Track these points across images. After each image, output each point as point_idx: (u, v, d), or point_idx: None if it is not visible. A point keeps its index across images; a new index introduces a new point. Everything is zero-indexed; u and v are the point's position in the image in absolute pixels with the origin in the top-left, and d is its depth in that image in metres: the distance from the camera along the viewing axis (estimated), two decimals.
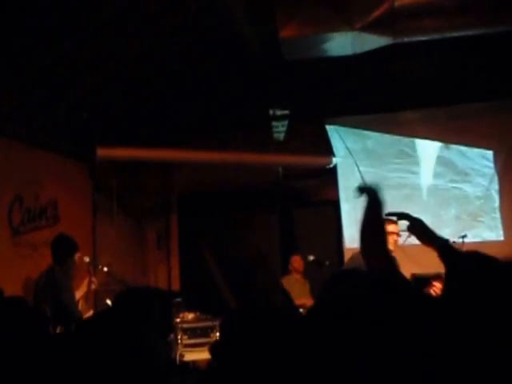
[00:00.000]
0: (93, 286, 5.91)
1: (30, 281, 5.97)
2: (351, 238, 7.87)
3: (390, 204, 8.16)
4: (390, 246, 4.93)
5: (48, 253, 5.89)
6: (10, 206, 6.10)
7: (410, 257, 6.77)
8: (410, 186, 8.15)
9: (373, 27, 5.43)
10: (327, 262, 6.27)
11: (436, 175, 8.10)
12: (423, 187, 8.13)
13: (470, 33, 5.56)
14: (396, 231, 5.01)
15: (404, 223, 2.55)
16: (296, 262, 7.64)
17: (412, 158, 8.20)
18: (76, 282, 5.97)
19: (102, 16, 5.78)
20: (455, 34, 5.55)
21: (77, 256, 5.80)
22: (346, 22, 5.47)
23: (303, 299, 6.85)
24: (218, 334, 5.41)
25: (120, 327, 2.09)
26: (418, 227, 2.48)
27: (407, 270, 4.72)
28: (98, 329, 2.09)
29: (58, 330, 5.01)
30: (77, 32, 5.85)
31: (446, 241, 2.36)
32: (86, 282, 5.90)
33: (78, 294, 5.82)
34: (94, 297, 6.54)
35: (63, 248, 5.79)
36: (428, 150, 8.15)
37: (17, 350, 2.16)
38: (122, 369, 1.90)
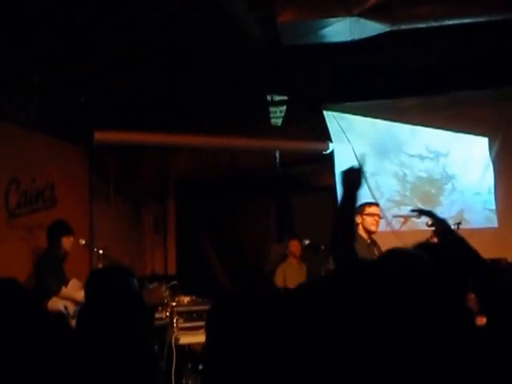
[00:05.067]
0: None
1: (25, 263, 6.01)
2: None
3: (386, 191, 8.09)
4: (372, 227, 4.87)
5: (44, 235, 5.92)
6: (6, 188, 6.11)
7: (405, 243, 6.80)
8: (406, 173, 8.16)
9: (371, 13, 5.43)
10: (322, 247, 6.30)
11: (431, 162, 8.11)
12: (418, 173, 8.14)
13: (467, 21, 5.56)
14: (377, 213, 4.94)
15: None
16: (294, 246, 7.66)
17: (408, 144, 8.20)
18: (72, 265, 6.02)
19: (100, 1, 5.76)
20: (452, 22, 5.55)
21: (67, 240, 5.84)
22: (344, 7, 5.46)
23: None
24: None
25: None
26: (441, 227, 2.47)
27: None
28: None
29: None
30: (74, 17, 5.83)
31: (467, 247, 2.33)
32: None
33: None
34: None
35: (52, 231, 5.87)
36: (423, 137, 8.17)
37: (6, 330, 2.18)
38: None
